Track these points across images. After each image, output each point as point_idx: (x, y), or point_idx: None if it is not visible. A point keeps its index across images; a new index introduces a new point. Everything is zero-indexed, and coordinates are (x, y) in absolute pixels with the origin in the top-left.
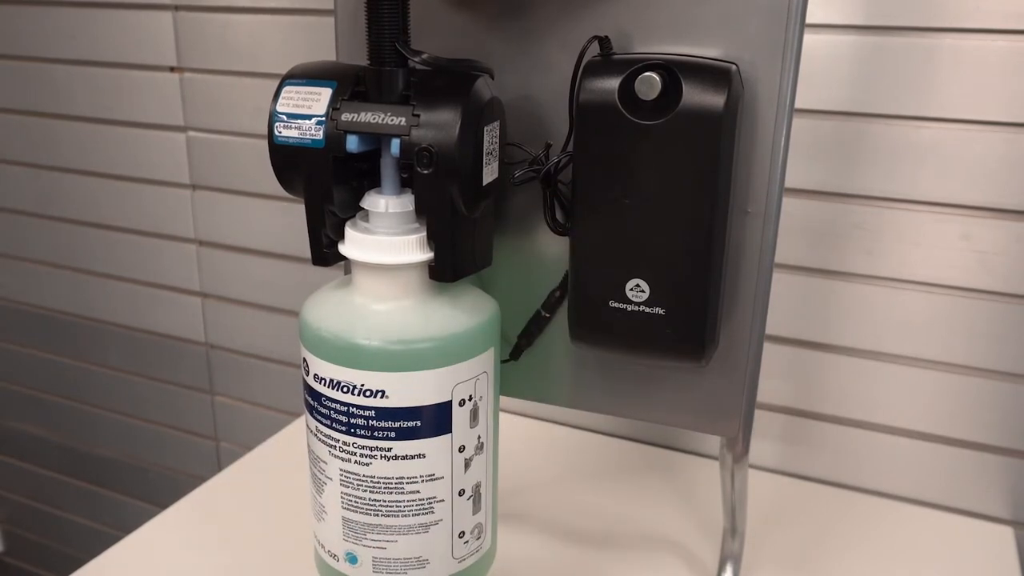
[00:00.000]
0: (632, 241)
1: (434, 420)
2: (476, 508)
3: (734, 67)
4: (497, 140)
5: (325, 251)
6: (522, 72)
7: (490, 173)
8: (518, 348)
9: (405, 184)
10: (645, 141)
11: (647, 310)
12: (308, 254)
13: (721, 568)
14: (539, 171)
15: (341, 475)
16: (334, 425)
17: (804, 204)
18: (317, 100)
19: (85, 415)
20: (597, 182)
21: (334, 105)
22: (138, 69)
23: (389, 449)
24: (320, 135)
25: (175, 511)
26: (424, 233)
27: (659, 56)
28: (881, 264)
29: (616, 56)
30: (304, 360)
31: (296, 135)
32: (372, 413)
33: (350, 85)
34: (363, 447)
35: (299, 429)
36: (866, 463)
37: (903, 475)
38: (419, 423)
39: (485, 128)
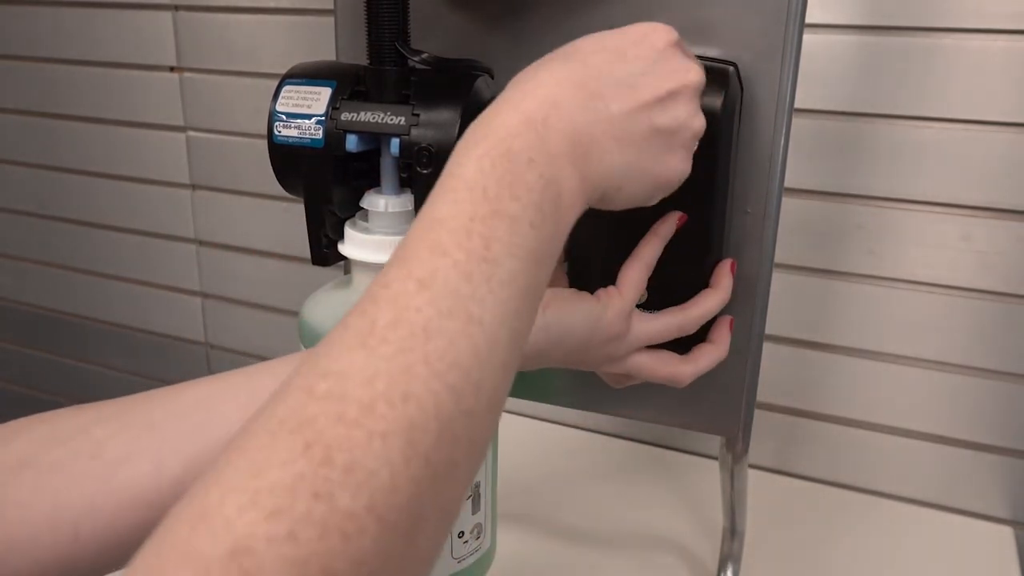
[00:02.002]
0: (631, 244)
1: None
2: (475, 508)
3: (731, 68)
4: None
5: (325, 251)
6: None
7: None
8: None
9: (405, 184)
10: None
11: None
12: (308, 254)
13: (721, 568)
14: None
15: None
16: None
17: (804, 204)
18: (317, 99)
19: None
20: None
21: (334, 105)
22: (138, 69)
23: None
24: (320, 135)
25: None
26: None
27: None
28: (881, 264)
29: None
30: None
31: (296, 135)
32: None
33: (350, 85)
34: None
35: None
36: (866, 463)
37: (903, 475)
38: None
39: None
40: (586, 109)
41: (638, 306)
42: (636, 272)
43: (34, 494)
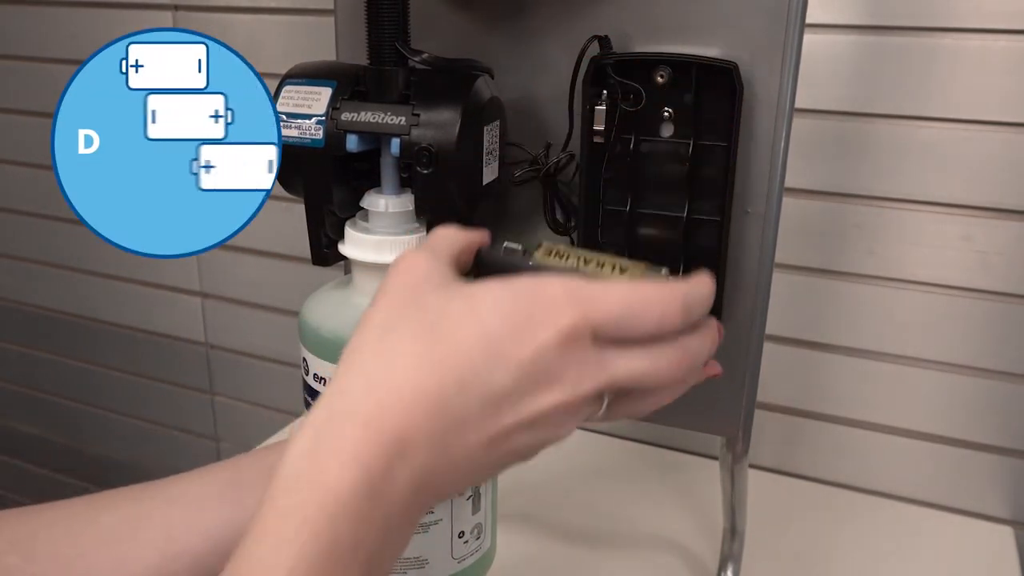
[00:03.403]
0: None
1: None
2: (475, 508)
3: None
4: (497, 140)
5: (325, 251)
6: (522, 72)
7: (490, 173)
8: None
9: (405, 184)
10: None
11: None
12: (308, 254)
13: (721, 568)
14: (539, 171)
15: None
16: None
17: (804, 204)
18: (317, 100)
19: (85, 415)
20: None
21: (334, 105)
22: None
23: None
24: (320, 135)
25: None
26: (424, 233)
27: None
28: (881, 264)
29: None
30: (304, 360)
31: (296, 135)
32: None
33: (350, 85)
34: None
35: None
36: (866, 463)
37: (903, 475)
38: None
39: (485, 128)
40: (440, 448)
41: None
42: None
43: None
